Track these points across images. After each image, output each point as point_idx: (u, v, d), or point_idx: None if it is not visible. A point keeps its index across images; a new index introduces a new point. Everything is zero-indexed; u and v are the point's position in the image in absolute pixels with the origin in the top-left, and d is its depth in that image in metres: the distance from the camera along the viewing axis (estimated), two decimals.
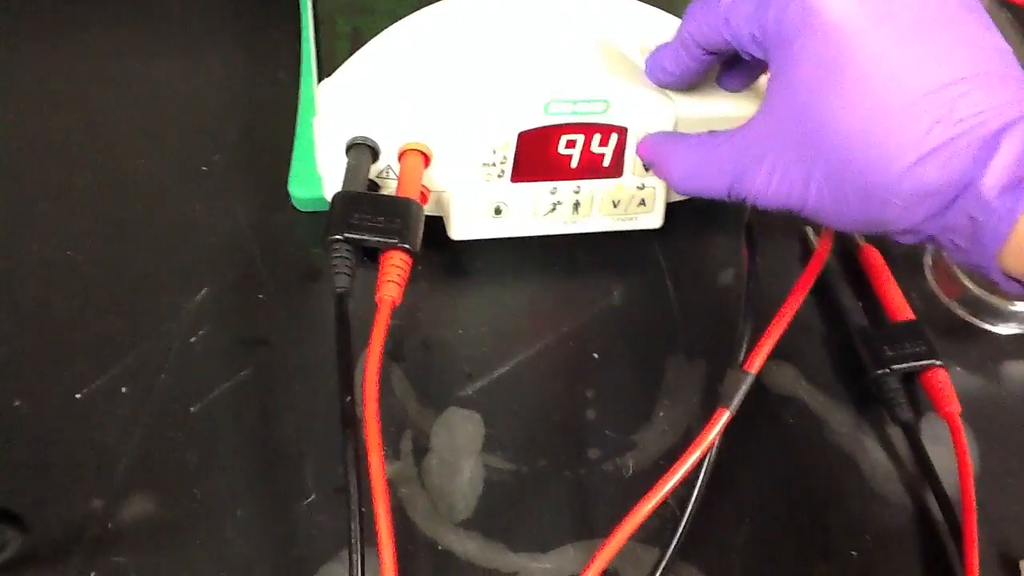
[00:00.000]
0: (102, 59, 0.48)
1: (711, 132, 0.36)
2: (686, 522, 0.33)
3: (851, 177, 0.30)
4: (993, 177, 0.27)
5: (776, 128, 0.32)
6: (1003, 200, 0.27)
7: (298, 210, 0.43)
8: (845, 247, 0.45)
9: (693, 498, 0.34)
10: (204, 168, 0.44)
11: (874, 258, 0.44)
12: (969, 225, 0.28)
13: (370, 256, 0.35)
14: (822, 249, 0.40)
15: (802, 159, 0.31)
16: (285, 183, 0.42)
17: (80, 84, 0.47)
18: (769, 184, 0.33)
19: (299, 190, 0.42)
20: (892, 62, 0.28)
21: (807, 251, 0.44)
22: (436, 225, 0.40)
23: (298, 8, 0.49)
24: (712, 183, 0.35)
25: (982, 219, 0.28)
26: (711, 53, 0.35)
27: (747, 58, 0.34)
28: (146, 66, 0.48)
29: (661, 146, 0.38)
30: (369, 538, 0.29)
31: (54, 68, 0.48)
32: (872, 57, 0.29)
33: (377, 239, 0.34)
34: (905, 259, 0.45)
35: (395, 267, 0.34)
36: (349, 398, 0.31)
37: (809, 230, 0.45)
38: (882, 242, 0.45)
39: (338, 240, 0.34)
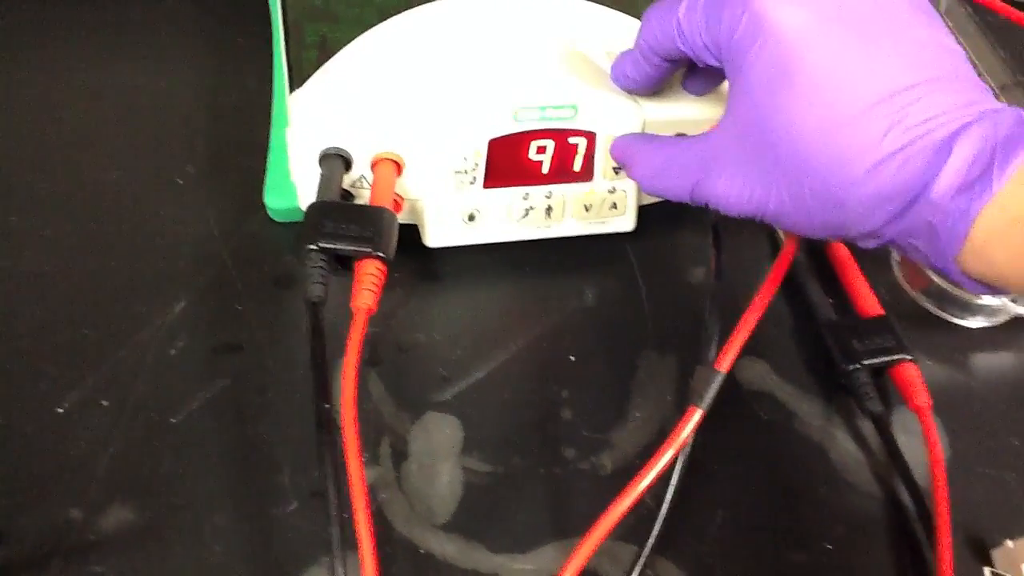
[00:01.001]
0: (73, 69, 0.48)
1: (679, 136, 0.36)
2: (662, 518, 0.34)
3: (809, 184, 0.30)
4: (946, 181, 0.28)
5: (736, 134, 0.33)
6: (957, 202, 0.28)
7: (270, 219, 0.43)
8: (813, 243, 0.46)
9: (668, 495, 0.34)
10: (178, 179, 0.44)
11: (842, 253, 0.45)
12: (927, 229, 0.29)
13: (344, 265, 0.36)
14: (790, 245, 0.41)
15: (762, 166, 0.32)
16: (257, 192, 0.43)
17: (50, 95, 0.47)
18: (730, 189, 0.33)
19: (274, 200, 0.42)
20: (843, 70, 0.29)
21: (775, 247, 0.45)
22: (411, 232, 0.40)
23: (267, 16, 0.49)
24: (675, 184, 0.36)
25: (938, 223, 0.28)
26: (669, 61, 0.36)
27: (703, 66, 0.34)
28: (116, 76, 0.48)
29: (630, 147, 0.39)
30: (350, 542, 0.29)
31: (24, 78, 0.48)
32: (823, 65, 0.29)
33: (351, 248, 0.35)
34: (872, 253, 0.46)
35: (370, 275, 0.35)
36: (327, 406, 0.32)
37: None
38: None
39: (313, 249, 0.35)
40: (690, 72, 0.40)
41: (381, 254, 0.35)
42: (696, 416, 0.34)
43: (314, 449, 0.35)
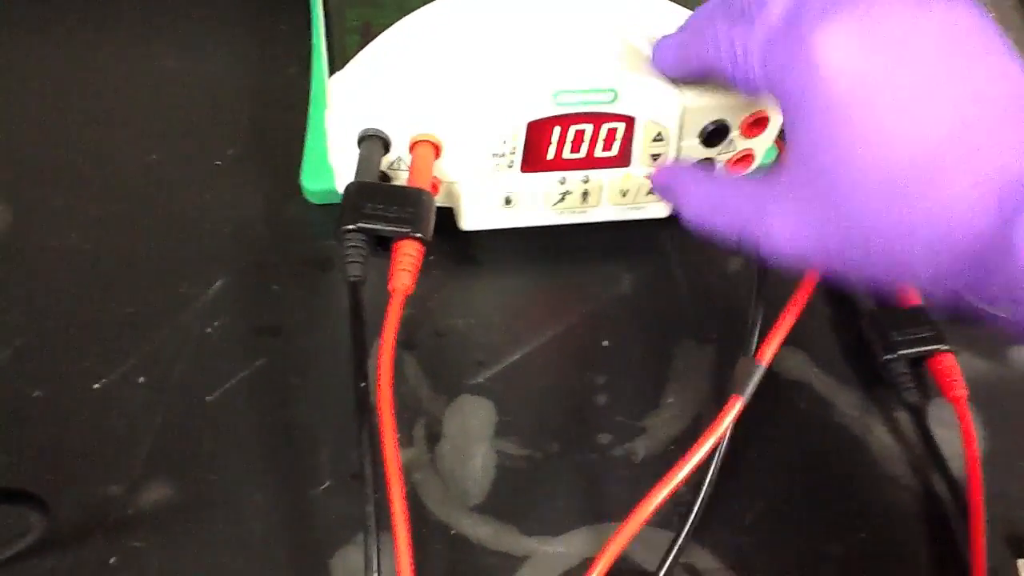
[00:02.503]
0: (114, 53, 0.49)
1: (728, 175, 0.35)
2: (699, 507, 0.34)
3: (871, 235, 0.28)
4: None
5: (795, 176, 0.31)
6: None
7: (309, 202, 0.43)
8: None
9: (706, 484, 0.34)
10: (217, 162, 0.45)
11: None
12: (1008, 296, 0.26)
13: (383, 246, 0.36)
14: None
15: (823, 209, 0.29)
16: (296, 176, 0.43)
17: (92, 78, 0.48)
18: (783, 231, 0.31)
19: (311, 183, 0.42)
20: (909, 110, 0.27)
21: None
22: (447, 216, 0.41)
23: (307, 2, 0.49)
24: (727, 222, 0.33)
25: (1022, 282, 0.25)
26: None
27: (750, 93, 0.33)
28: (158, 60, 0.49)
29: (678, 180, 0.37)
30: (384, 522, 0.30)
31: (67, 62, 0.48)
32: (888, 107, 0.27)
33: (390, 228, 0.35)
34: None
35: (408, 256, 0.35)
36: (364, 384, 0.32)
37: None
38: None
39: (351, 230, 0.35)
40: None
41: (419, 235, 0.35)
42: (737, 406, 0.34)
43: (350, 431, 0.35)
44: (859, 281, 0.31)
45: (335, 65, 0.39)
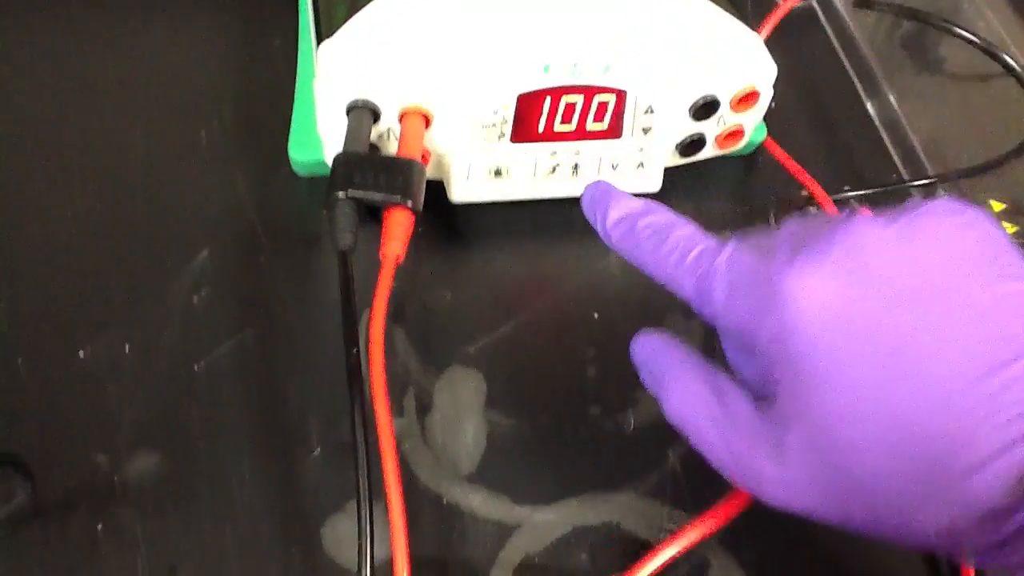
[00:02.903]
0: (96, 26, 0.48)
1: (722, 380, 0.28)
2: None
3: (877, 497, 0.24)
4: None
5: (787, 426, 0.25)
6: None
7: (295, 176, 0.43)
8: (840, 209, 0.46)
9: None
10: (202, 133, 0.44)
11: None
12: None
13: (372, 215, 0.36)
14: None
15: (822, 471, 0.25)
16: (282, 149, 0.42)
17: (72, 52, 0.47)
18: (779, 480, 0.26)
19: (299, 154, 0.42)
20: (904, 365, 0.23)
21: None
22: (434, 191, 0.40)
23: None
24: (713, 446, 0.27)
25: None
26: None
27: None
28: (141, 33, 0.48)
29: (662, 357, 0.30)
30: (376, 491, 0.29)
31: (46, 39, 0.48)
32: (878, 365, 0.24)
33: (380, 197, 0.35)
34: None
35: (399, 225, 0.35)
36: (355, 350, 0.31)
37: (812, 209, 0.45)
38: (876, 205, 0.46)
39: (341, 198, 0.34)
40: None
41: (410, 204, 0.35)
42: None
43: (339, 400, 0.35)
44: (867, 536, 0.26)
45: (323, 34, 0.38)
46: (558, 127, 0.40)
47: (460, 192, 0.41)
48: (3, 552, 0.31)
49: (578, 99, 0.39)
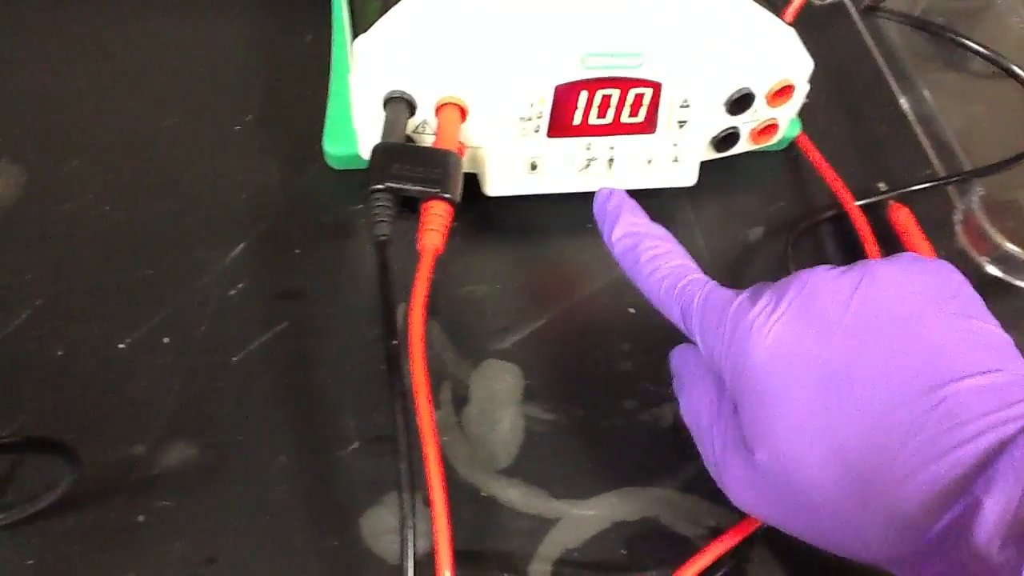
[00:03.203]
0: (130, 18, 0.48)
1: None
2: None
3: (823, 518, 0.27)
4: (988, 526, 0.23)
5: (748, 448, 0.28)
6: (1007, 555, 0.22)
7: (329, 169, 0.43)
8: (875, 207, 0.45)
9: None
10: (236, 127, 0.44)
11: (904, 217, 0.44)
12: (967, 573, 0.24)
13: (408, 207, 0.35)
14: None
15: (770, 488, 0.28)
16: (315, 143, 0.42)
17: (109, 43, 0.47)
18: (737, 488, 0.29)
19: (333, 147, 0.42)
20: (843, 397, 0.26)
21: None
22: (468, 183, 0.40)
23: None
24: (704, 449, 0.31)
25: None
26: None
27: None
28: (175, 25, 0.48)
29: (689, 366, 0.33)
30: (417, 482, 0.29)
31: (83, 27, 0.48)
32: (819, 397, 0.26)
33: (418, 188, 0.34)
34: (935, 217, 0.45)
35: (437, 216, 0.34)
36: (395, 342, 0.31)
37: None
38: (911, 201, 0.45)
39: (379, 189, 0.34)
40: None
41: (448, 195, 0.34)
42: None
43: (375, 393, 0.35)
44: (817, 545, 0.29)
45: (359, 28, 0.38)
46: (593, 120, 0.39)
47: (495, 185, 0.41)
48: (45, 539, 0.31)
49: (614, 92, 0.39)
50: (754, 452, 0.28)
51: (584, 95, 0.38)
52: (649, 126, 0.40)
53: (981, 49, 0.46)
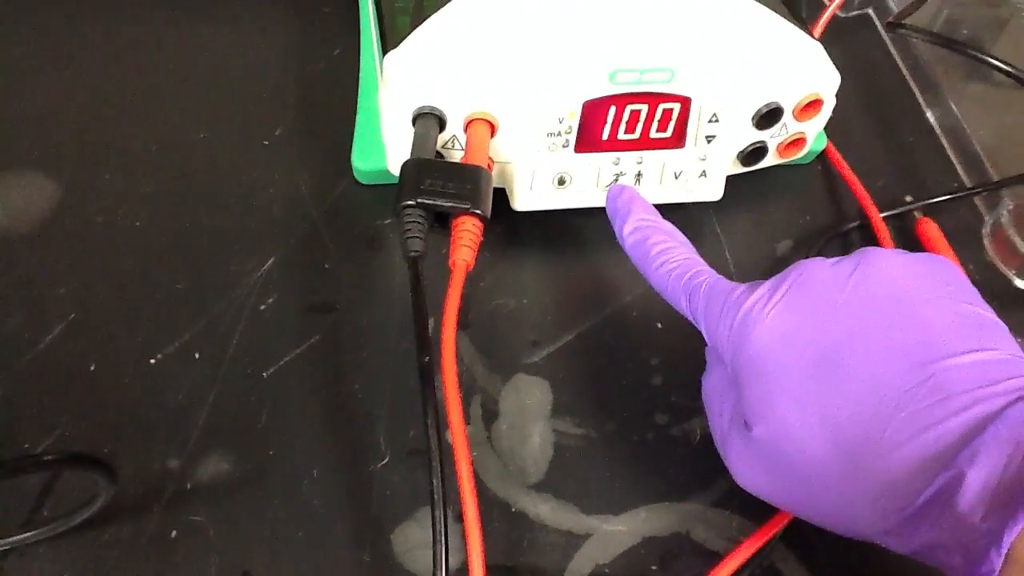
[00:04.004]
0: (162, 32, 0.49)
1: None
2: None
3: (818, 495, 0.28)
4: (972, 496, 0.24)
5: (749, 429, 0.29)
6: (990, 523, 0.23)
7: (358, 184, 0.43)
8: (902, 219, 0.45)
9: None
10: (265, 142, 0.44)
11: (932, 230, 0.44)
12: (959, 547, 0.25)
13: (439, 223, 0.36)
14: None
15: (771, 467, 0.29)
16: (345, 158, 0.43)
17: (141, 57, 0.48)
18: (740, 468, 0.30)
19: (362, 163, 0.42)
20: (835, 377, 0.27)
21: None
22: (496, 197, 0.40)
23: None
24: (713, 427, 0.32)
25: (970, 543, 0.24)
26: None
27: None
28: (205, 40, 0.49)
29: (712, 353, 0.34)
30: (449, 497, 0.29)
31: (115, 41, 0.49)
32: (811, 377, 0.27)
33: (450, 204, 0.35)
34: (964, 230, 0.45)
35: (468, 232, 0.35)
36: (428, 358, 0.31)
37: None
38: (939, 213, 0.45)
39: (411, 205, 0.34)
40: None
41: (479, 211, 0.35)
42: None
43: (406, 407, 0.35)
44: (814, 522, 0.30)
45: (389, 44, 0.38)
46: (622, 136, 0.39)
47: (523, 200, 0.41)
48: (81, 553, 0.31)
49: (643, 107, 0.39)
50: (751, 428, 0.29)
51: (613, 110, 0.38)
52: (677, 141, 0.40)
53: (1003, 65, 0.46)
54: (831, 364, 0.27)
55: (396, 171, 0.37)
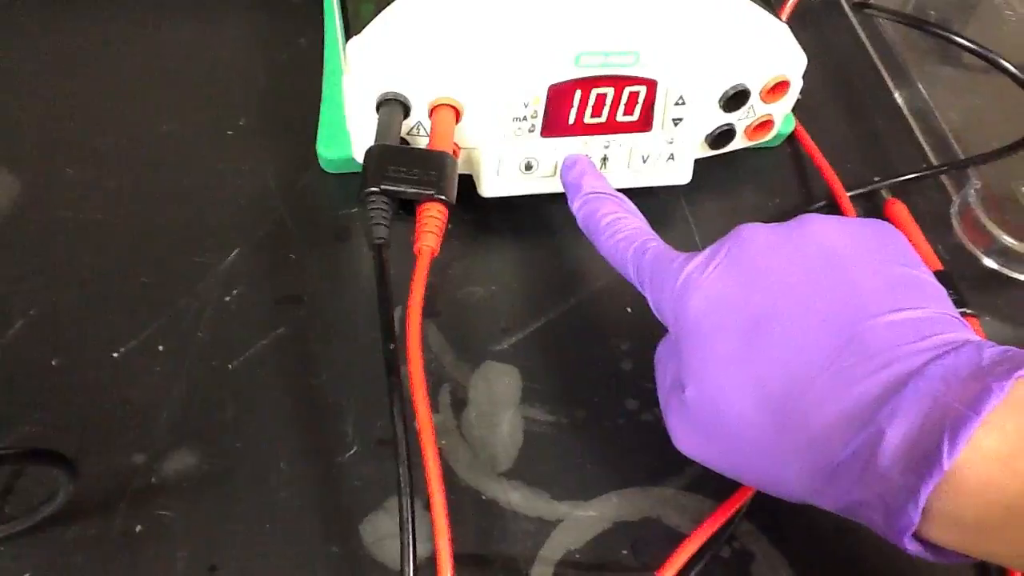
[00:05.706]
0: (125, 24, 0.48)
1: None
2: None
3: (746, 457, 0.28)
4: (890, 453, 0.24)
5: (684, 391, 0.30)
6: (907, 479, 0.24)
7: (323, 173, 0.43)
8: (872, 201, 0.45)
9: None
10: (230, 132, 0.44)
11: (900, 211, 0.44)
12: (880, 504, 0.25)
13: (404, 209, 0.35)
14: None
15: (702, 429, 0.29)
16: (310, 146, 0.42)
17: (103, 50, 0.47)
18: (676, 431, 0.30)
19: (327, 151, 0.42)
20: (763, 339, 0.27)
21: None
22: (464, 185, 0.40)
23: None
24: (659, 394, 0.32)
25: (890, 500, 0.24)
26: None
27: None
28: (168, 31, 0.48)
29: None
30: (416, 486, 0.29)
31: (79, 33, 0.48)
32: (742, 338, 0.28)
33: (414, 191, 0.34)
34: (933, 211, 0.45)
35: (433, 218, 0.34)
36: (393, 345, 0.31)
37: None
38: (908, 195, 0.45)
39: (375, 192, 0.34)
40: None
41: (444, 197, 0.34)
42: None
43: (374, 397, 0.35)
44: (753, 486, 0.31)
45: (352, 30, 0.38)
46: (588, 120, 0.39)
47: (490, 186, 0.40)
48: (45, 550, 0.31)
49: (609, 91, 0.38)
50: (684, 389, 0.29)
51: (578, 94, 0.38)
52: (644, 124, 0.40)
53: (971, 45, 0.46)
54: (762, 327, 0.27)
55: (361, 159, 0.36)
